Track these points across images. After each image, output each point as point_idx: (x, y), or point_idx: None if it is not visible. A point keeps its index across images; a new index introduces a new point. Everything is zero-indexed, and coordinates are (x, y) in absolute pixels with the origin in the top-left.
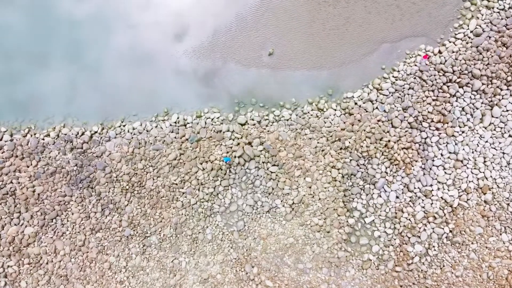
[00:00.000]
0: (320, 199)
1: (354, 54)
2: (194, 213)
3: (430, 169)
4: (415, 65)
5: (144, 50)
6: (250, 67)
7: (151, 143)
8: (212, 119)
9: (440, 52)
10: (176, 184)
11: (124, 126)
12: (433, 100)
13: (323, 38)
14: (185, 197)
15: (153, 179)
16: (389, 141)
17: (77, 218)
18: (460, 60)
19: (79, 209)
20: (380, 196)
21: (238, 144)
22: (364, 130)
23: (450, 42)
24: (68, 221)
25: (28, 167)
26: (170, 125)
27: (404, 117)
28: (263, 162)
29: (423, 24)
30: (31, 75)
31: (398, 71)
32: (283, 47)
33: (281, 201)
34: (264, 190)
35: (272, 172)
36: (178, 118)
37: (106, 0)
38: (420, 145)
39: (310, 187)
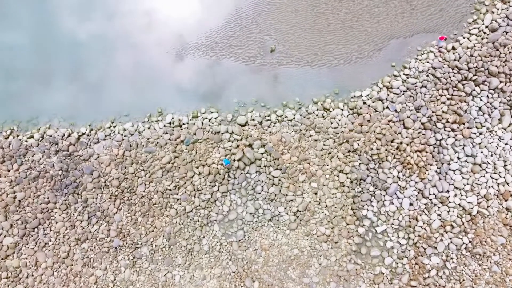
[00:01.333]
0: (327, 206)
1: (361, 50)
2: (189, 222)
3: (446, 173)
4: (427, 62)
5: (136, 46)
6: (251, 65)
7: (143, 145)
8: (210, 120)
9: (454, 48)
10: (170, 189)
11: (114, 127)
12: (448, 99)
13: (328, 34)
14: (180, 204)
15: (145, 185)
16: (401, 143)
17: (61, 227)
18: (476, 57)
19: (64, 218)
20: (392, 203)
21: (238, 146)
22: (374, 131)
23: (464, 38)
24: (51, 230)
25: (9, 171)
26: (164, 126)
27: (417, 117)
28: (264, 166)
29: (435, 19)
30: (14, 73)
31: (410, 68)
32: (286, 43)
33: (285, 208)
34: (266, 196)
35: (274, 177)
36: (172, 118)
37: None
38: (434, 147)
39: (316, 193)
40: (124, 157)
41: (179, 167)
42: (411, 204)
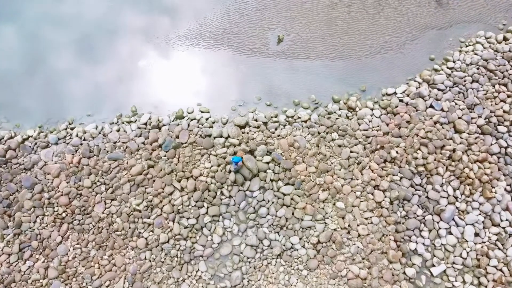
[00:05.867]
0: (359, 236)
1: (391, 42)
2: (164, 258)
3: None
4: (476, 54)
5: (111, 31)
6: (253, 56)
7: (107, 151)
8: (199, 120)
9: (505, 39)
10: (140, 211)
11: (72, 129)
12: (508, 96)
13: (349, 23)
14: (152, 231)
15: (105, 203)
16: (454, 150)
17: None
18: None
19: None
20: (451, 233)
21: (235, 153)
22: (417, 135)
23: None
24: None
25: None
26: (138, 127)
27: (471, 118)
28: (271, 180)
29: (478, 7)
30: None
31: (454, 61)
32: (297, 32)
33: (300, 239)
34: (274, 222)
35: (285, 195)
36: (150, 118)
37: None
38: (499, 157)
39: (343, 218)
40: (80, 165)
41: (154, 180)
42: (477, 235)
